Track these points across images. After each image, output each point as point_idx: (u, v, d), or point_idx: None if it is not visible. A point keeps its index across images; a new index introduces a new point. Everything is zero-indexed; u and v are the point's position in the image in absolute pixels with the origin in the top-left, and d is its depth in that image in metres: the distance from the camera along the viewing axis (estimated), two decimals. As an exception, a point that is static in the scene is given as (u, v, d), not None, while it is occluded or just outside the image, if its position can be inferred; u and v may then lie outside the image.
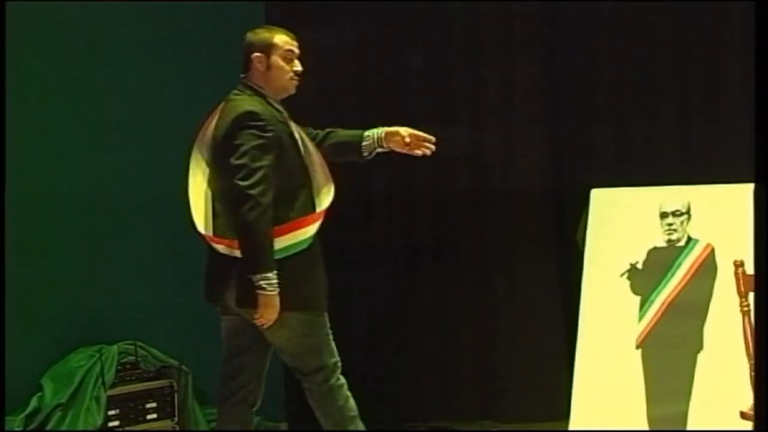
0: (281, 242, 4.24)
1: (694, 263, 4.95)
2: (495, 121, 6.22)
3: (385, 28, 6.34)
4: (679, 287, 4.96)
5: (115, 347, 5.59)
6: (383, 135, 4.59)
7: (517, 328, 6.10)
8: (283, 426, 6.23)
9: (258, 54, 4.49)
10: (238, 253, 4.25)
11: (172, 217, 6.06)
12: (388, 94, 6.33)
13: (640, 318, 5.04)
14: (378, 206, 6.40)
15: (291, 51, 4.54)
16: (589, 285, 5.17)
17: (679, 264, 4.98)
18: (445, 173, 6.24)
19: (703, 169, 5.53)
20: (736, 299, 4.48)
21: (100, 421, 5.42)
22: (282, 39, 4.53)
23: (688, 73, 5.89)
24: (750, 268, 4.49)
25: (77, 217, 5.72)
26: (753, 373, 4.40)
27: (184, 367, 5.76)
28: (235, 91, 4.49)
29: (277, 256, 4.22)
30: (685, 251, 4.98)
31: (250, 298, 4.21)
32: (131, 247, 5.90)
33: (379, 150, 4.61)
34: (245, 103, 4.39)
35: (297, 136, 4.44)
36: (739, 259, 4.50)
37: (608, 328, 5.10)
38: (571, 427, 5.12)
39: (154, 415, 5.67)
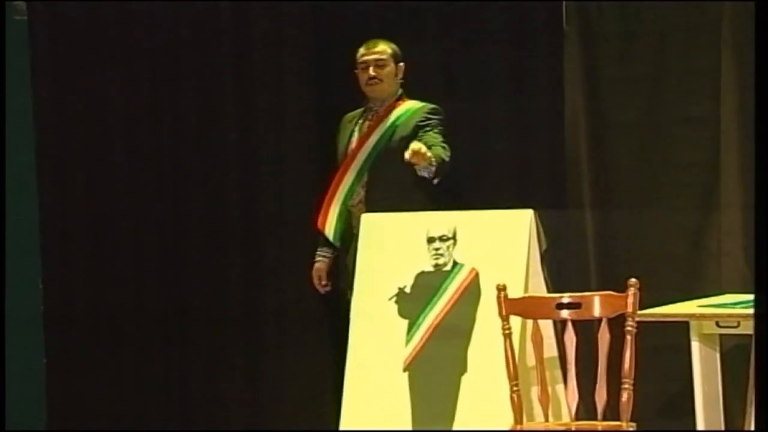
0: None
1: (459, 287, 5.05)
2: (266, 139, 6.24)
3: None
4: (444, 311, 5.05)
5: None
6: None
7: (286, 349, 6.11)
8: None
9: (355, 71, 5.40)
10: None
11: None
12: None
13: (408, 341, 5.11)
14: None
15: (364, 62, 5.36)
16: (358, 308, 5.21)
17: (445, 288, 5.07)
18: (217, 198, 6.23)
19: (468, 194, 5.67)
20: (499, 322, 4.61)
21: None
22: (359, 53, 5.37)
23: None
24: (512, 292, 4.63)
25: None
26: (514, 395, 4.53)
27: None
28: None
29: None
30: (451, 275, 5.07)
31: None
32: None
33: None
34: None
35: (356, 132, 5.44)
36: (501, 283, 4.62)
37: (376, 351, 5.15)
38: (338, 450, 5.15)
39: None
